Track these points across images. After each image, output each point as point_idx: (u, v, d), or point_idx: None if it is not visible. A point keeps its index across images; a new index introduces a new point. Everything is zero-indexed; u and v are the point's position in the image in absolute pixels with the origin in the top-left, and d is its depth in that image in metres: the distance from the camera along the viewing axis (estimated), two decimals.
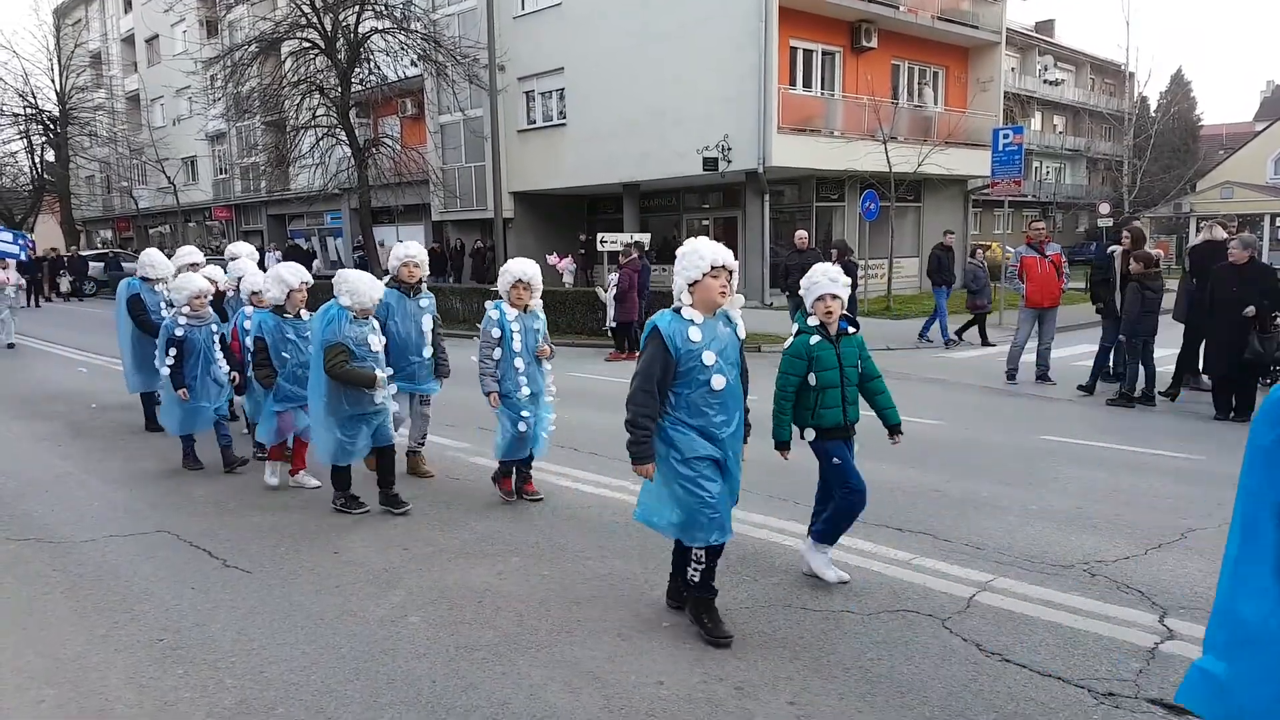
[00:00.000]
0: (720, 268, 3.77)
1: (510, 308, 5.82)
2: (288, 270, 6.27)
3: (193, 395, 6.77)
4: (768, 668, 3.66)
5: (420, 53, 22.47)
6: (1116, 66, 43.23)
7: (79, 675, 3.68)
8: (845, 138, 21.07)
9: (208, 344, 6.87)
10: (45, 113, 37.73)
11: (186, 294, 6.77)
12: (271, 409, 6.23)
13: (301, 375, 5.99)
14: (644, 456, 3.77)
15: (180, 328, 6.74)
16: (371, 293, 5.58)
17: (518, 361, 5.79)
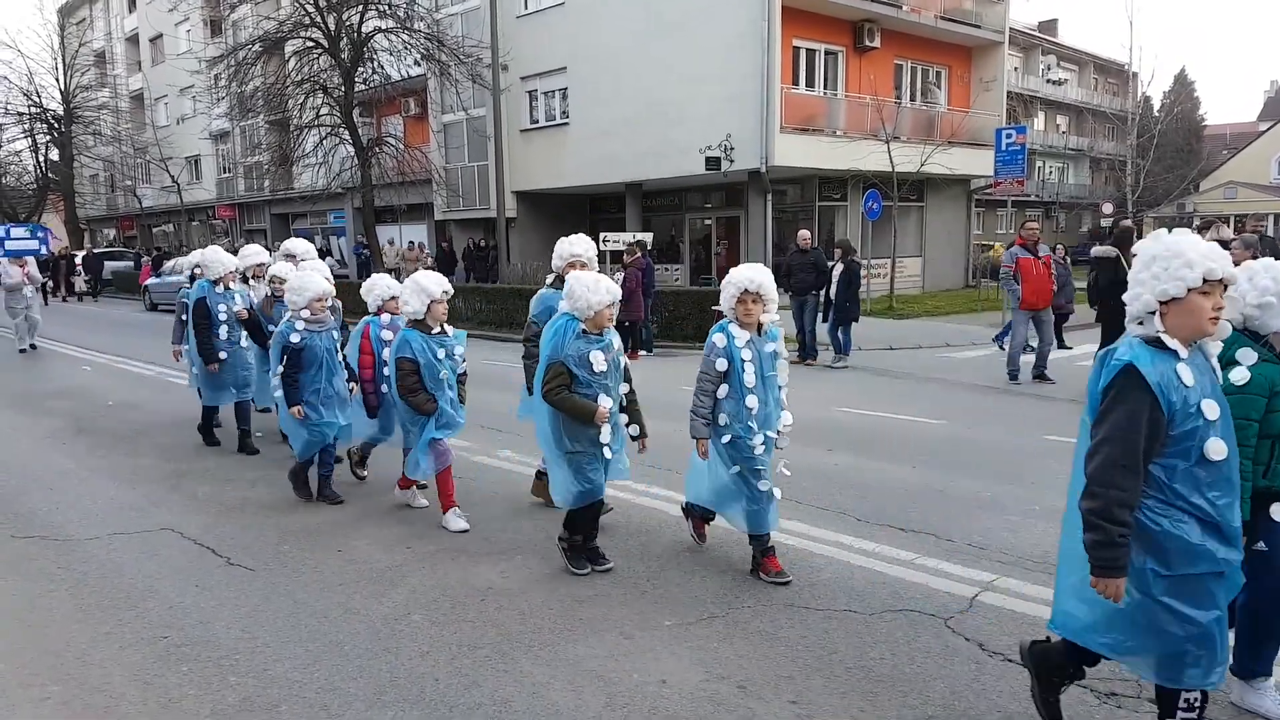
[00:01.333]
0: (1216, 281, 2.59)
1: (739, 330, 4.46)
2: (430, 279, 5.40)
3: (312, 410, 5.90)
4: (770, 667, 3.66)
5: (423, 52, 22.50)
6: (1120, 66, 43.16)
7: (83, 672, 3.69)
8: (848, 137, 21.06)
9: (330, 352, 5.99)
10: (50, 112, 37.87)
11: (308, 295, 5.84)
12: (429, 437, 5.32)
13: (455, 400, 5.44)
14: (1119, 567, 2.58)
15: (298, 333, 5.83)
16: (595, 298, 4.38)
17: (750, 400, 4.42)
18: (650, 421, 5.06)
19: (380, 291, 6.07)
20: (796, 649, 3.82)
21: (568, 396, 4.42)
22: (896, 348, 14.15)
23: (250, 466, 7.12)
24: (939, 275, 25.53)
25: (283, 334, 5.91)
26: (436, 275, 5.48)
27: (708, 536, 5.11)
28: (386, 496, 6.20)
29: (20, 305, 14.96)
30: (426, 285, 5.32)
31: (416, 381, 5.27)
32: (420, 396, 5.27)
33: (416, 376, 5.26)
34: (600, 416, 4.43)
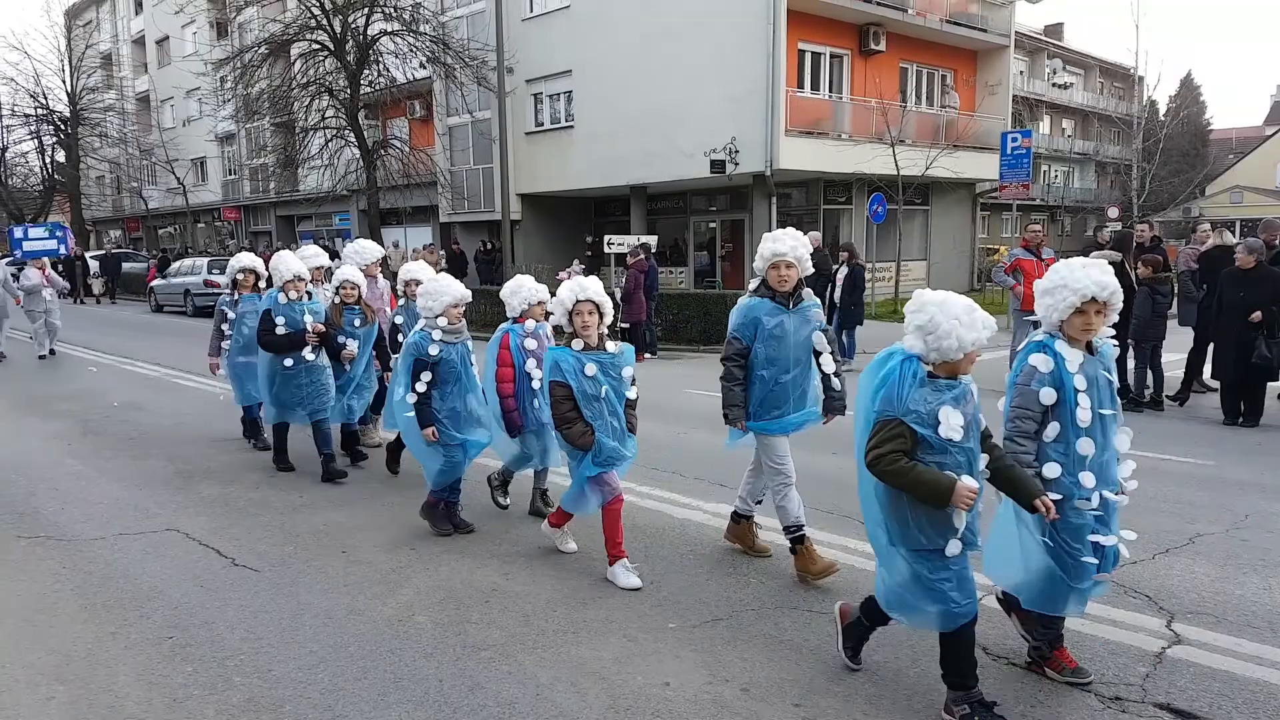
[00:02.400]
0: None
1: (1069, 349, 3.43)
2: (587, 285, 4.50)
3: (448, 433, 5.27)
4: (774, 669, 3.66)
5: (429, 55, 22.56)
6: (1126, 70, 43.11)
7: (89, 672, 3.70)
8: (853, 140, 21.08)
9: (465, 364, 5.35)
10: (56, 113, 38.01)
11: (444, 300, 5.17)
12: (588, 473, 4.53)
13: (621, 428, 4.59)
14: None
15: (434, 344, 5.16)
16: (969, 335, 3.12)
17: (1084, 445, 3.54)
18: (654, 424, 5.08)
19: (526, 295, 5.39)
20: (800, 652, 3.82)
21: (912, 468, 3.09)
22: None
23: (255, 468, 7.14)
24: (944, 279, 25.45)
25: (418, 345, 5.18)
26: (585, 280, 4.51)
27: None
28: (391, 497, 6.22)
29: (39, 309, 14.37)
30: (561, 295, 4.48)
31: (571, 409, 4.46)
32: (576, 428, 4.46)
33: (571, 403, 4.46)
34: (962, 499, 3.09)
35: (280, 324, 6.52)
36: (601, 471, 4.54)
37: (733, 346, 4.56)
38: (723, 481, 6.39)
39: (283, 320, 6.54)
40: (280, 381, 6.64)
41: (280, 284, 6.59)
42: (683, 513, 5.75)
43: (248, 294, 7.52)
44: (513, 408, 5.35)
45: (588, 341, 4.49)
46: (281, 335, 6.50)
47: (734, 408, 4.56)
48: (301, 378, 6.61)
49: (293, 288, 6.59)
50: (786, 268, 4.41)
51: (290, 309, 6.56)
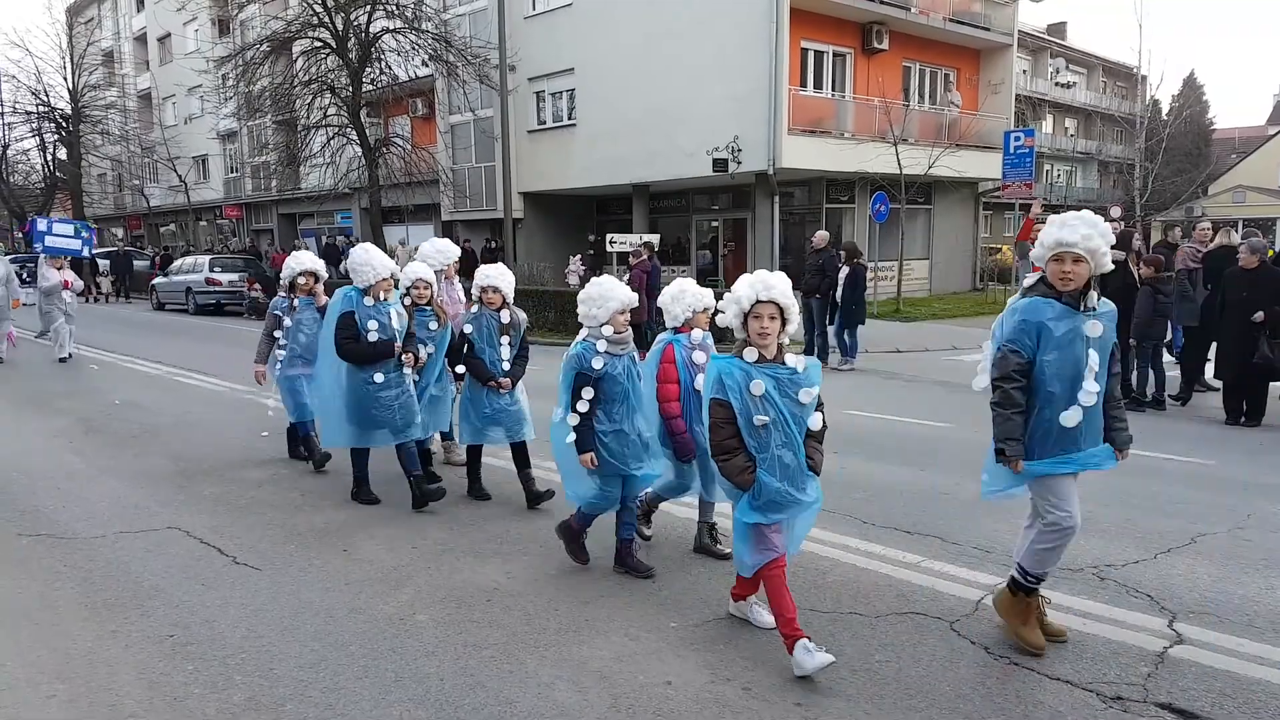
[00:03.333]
0: None
1: None
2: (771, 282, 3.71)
3: (608, 456, 4.56)
4: (775, 669, 3.66)
5: (431, 53, 22.54)
6: (1129, 69, 43.03)
7: (89, 671, 3.70)
8: (856, 139, 21.06)
9: (632, 380, 4.66)
10: (58, 110, 38.03)
11: (610, 307, 4.50)
12: (745, 519, 3.69)
13: (796, 465, 3.66)
14: None
15: (599, 356, 4.51)
16: None
17: None
18: None
19: (690, 301, 4.69)
20: None
21: None
22: (903, 350, 14.13)
23: (256, 467, 7.14)
24: (946, 278, 25.48)
25: (580, 358, 4.51)
26: (766, 275, 3.73)
27: None
28: (392, 495, 6.22)
29: (59, 308, 13.60)
30: (739, 292, 3.70)
31: (731, 436, 3.64)
32: (735, 460, 3.63)
33: (732, 429, 3.63)
34: None
35: (373, 330, 5.64)
36: (761, 521, 3.65)
37: (1010, 362, 3.63)
38: None
39: (376, 325, 5.65)
40: (364, 399, 5.72)
41: (365, 284, 5.67)
42: (685, 512, 5.74)
43: (304, 298, 6.88)
44: (683, 429, 4.63)
45: (763, 352, 3.67)
46: (368, 344, 5.63)
47: (1013, 441, 3.62)
48: (390, 393, 5.74)
49: (383, 288, 5.72)
50: (1074, 261, 3.55)
51: (379, 312, 5.69)
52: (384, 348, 5.68)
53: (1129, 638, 3.90)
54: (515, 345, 5.85)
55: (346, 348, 5.64)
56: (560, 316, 16.40)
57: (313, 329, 6.69)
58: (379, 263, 5.70)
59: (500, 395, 5.77)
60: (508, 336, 5.80)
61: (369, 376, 5.70)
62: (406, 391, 5.86)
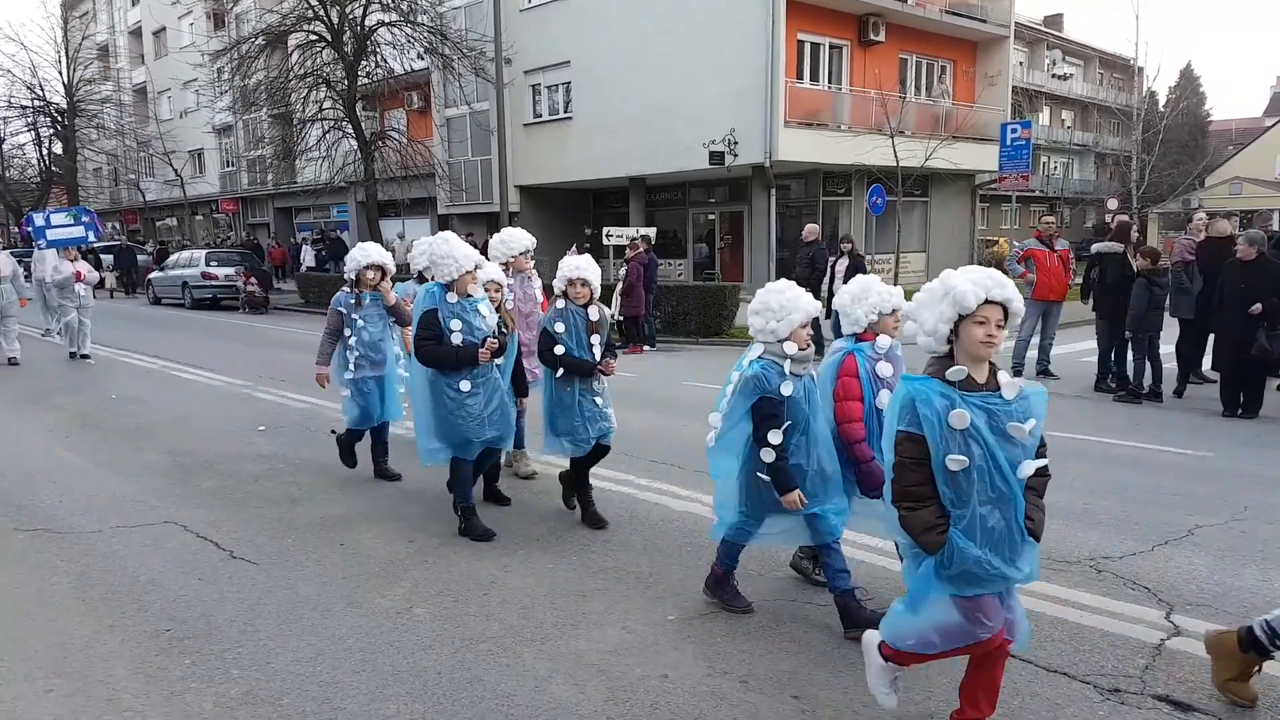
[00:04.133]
0: None
1: None
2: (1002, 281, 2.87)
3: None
4: (773, 662, 3.66)
5: (427, 45, 22.46)
6: (1125, 61, 43.00)
7: (86, 665, 3.70)
8: (852, 132, 21.02)
9: (813, 403, 3.92)
10: (53, 105, 37.84)
11: (794, 319, 3.81)
12: (928, 591, 2.87)
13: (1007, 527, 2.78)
14: None
15: (787, 380, 3.79)
16: None
17: None
18: (653, 417, 5.05)
19: (876, 301, 4.01)
20: (800, 645, 3.82)
21: None
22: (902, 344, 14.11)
23: (253, 460, 7.12)
24: (943, 270, 25.39)
25: (762, 379, 3.78)
26: (989, 274, 2.86)
27: None
28: (389, 489, 6.21)
29: (71, 304, 12.97)
30: (956, 286, 2.81)
31: (923, 482, 2.78)
32: (921, 514, 2.79)
33: (924, 472, 2.77)
34: None
35: (457, 330, 4.99)
36: (959, 594, 2.82)
37: None
38: None
39: (460, 326, 5.00)
40: (454, 409, 5.06)
41: (447, 279, 5.03)
42: (682, 505, 5.74)
43: (370, 293, 6.30)
44: (869, 455, 3.90)
45: (972, 371, 2.77)
46: (451, 347, 4.98)
47: None
48: (478, 401, 5.11)
49: (468, 282, 5.06)
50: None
51: (464, 310, 5.03)
52: (468, 351, 4.98)
53: (1126, 630, 3.90)
54: (604, 344, 5.29)
55: (427, 350, 4.99)
56: None
57: (379, 327, 6.28)
58: (461, 254, 5.00)
59: (594, 396, 5.23)
60: (597, 335, 5.22)
61: (454, 383, 5.04)
62: (498, 401, 5.20)
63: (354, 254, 6.37)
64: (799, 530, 3.95)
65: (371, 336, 6.27)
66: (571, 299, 5.17)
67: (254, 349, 14.85)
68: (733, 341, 14.61)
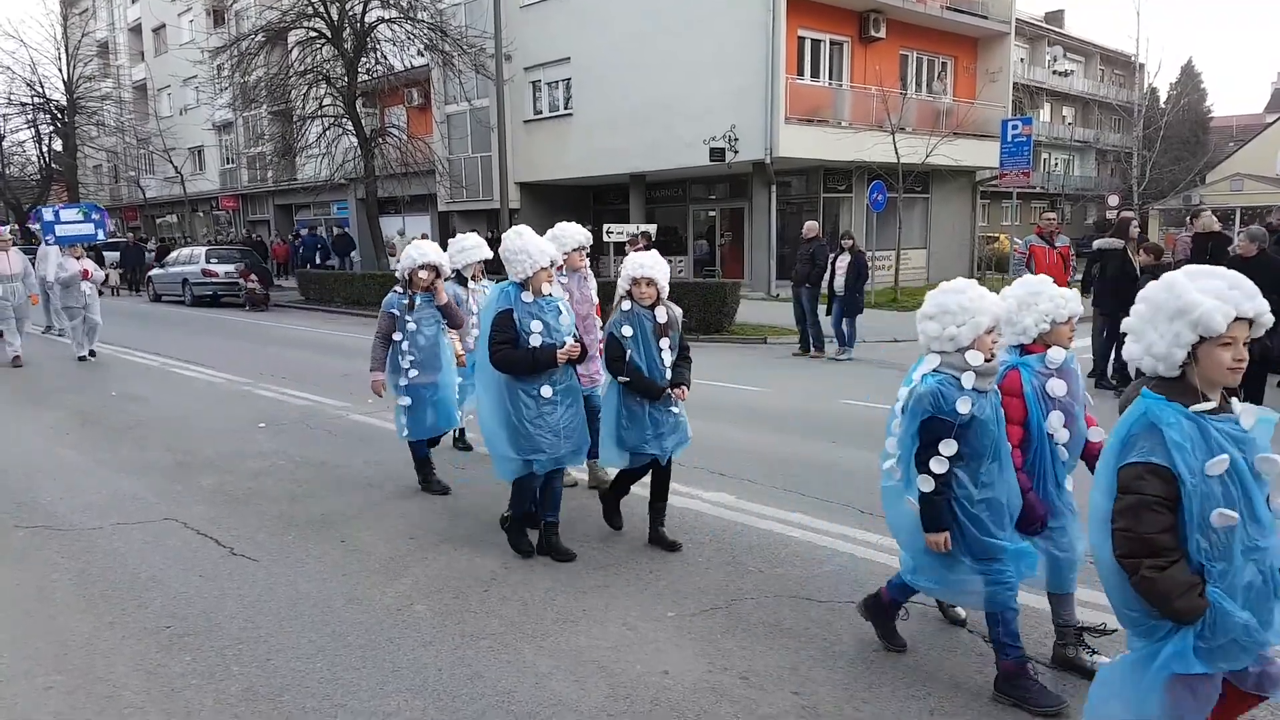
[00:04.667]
0: None
1: None
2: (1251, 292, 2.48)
3: (978, 534, 3.28)
4: (773, 658, 3.66)
5: (427, 42, 22.44)
6: (1126, 57, 42.97)
7: (87, 662, 3.70)
8: (853, 128, 21.00)
9: (1001, 425, 3.33)
10: (53, 102, 37.81)
11: (979, 323, 3.20)
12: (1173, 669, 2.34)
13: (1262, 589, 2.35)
14: None
15: (965, 397, 3.20)
16: None
17: None
18: None
19: (1049, 307, 3.44)
20: (800, 641, 3.82)
21: None
22: (901, 340, 14.11)
23: (253, 458, 7.12)
24: (943, 267, 25.44)
25: (937, 398, 3.22)
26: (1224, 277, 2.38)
27: None
28: (389, 486, 6.21)
29: (78, 304, 12.54)
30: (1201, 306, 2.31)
31: (1168, 529, 2.30)
32: (1174, 573, 2.29)
33: (1171, 516, 2.30)
34: None
35: (536, 332, 4.55)
36: (1205, 671, 2.31)
37: None
38: (721, 471, 6.39)
39: (540, 327, 4.56)
40: (532, 418, 4.59)
41: (523, 276, 4.57)
42: (682, 501, 5.74)
43: (424, 294, 5.93)
44: (1028, 486, 3.41)
45: (1207, 394, 2.36)
46: (527, 351, 4.52)
47: None
48: (558, 412, 4.66)
49: (545, 279, 4.61)
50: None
51: (542, 310, 4.61)
52: (547, 355, 4.53)
53: None
54: (675, 347, 4.82)
55: (501, 355, 4.50)
56: None
57: (434, 330, 5.93)
58: (536, 248, 4.57)
59: (669, 405, 4.77)
60: (666, 339, 4.74)
61: (533, 389, 4.58)
62: (578, 411, 4.79)
63: (409, 252, 5.96)
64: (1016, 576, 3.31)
65: (426, 340, 5.90)
66: (636, 300, 4.71)
67: (254, 346, 14.86)
68: (733, 338, 14.62)
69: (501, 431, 4.63)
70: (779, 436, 7.51)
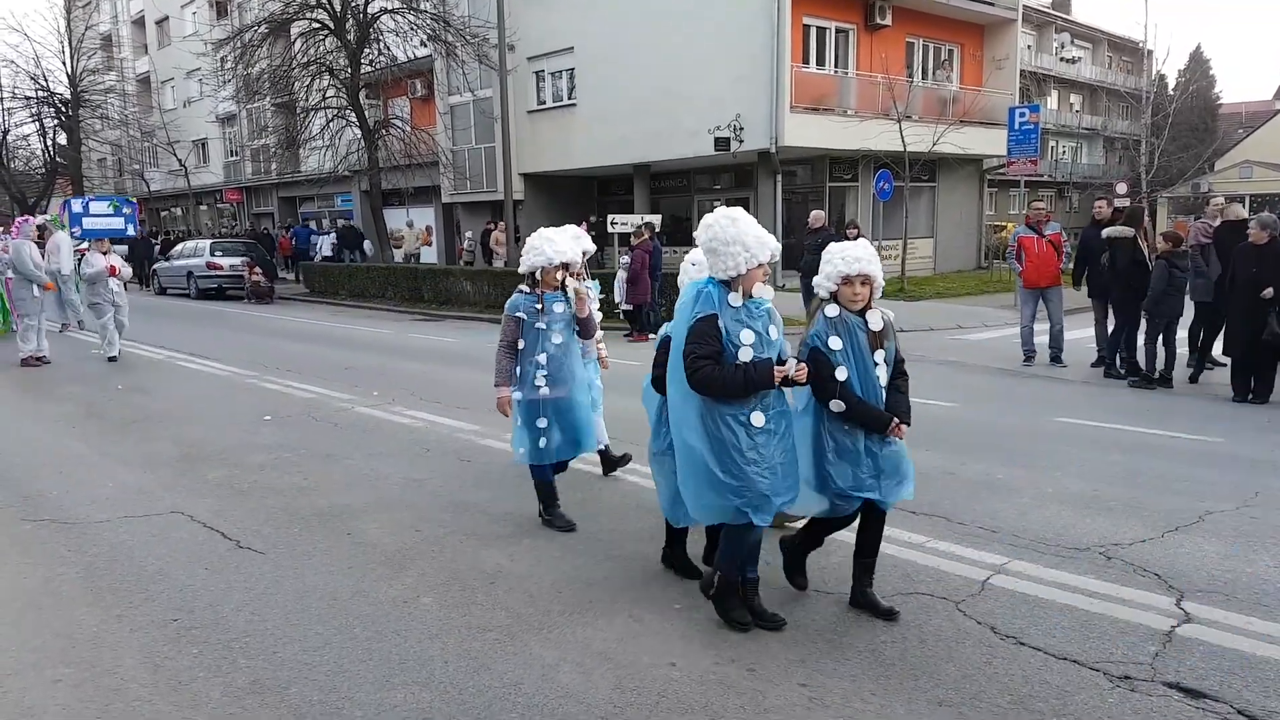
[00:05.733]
0: None
1: None
2: None
3: None
4: (780, 650, 3.64)
5: (430, 33, 22.37)
6: (1134, 44, 42.61)
7: (94, 655, 3.70)
8: (859, 117, 20.85)
9: None
10: (57, 95, 37.81)
11: None
12: None
13: None
14: None
15: None
16: None
17: None
18: None
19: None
20: (807, 632, 3.80)
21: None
22: (908, 329, 14.05)
23: (259, 450, 7.13)
24: (951, 256, 25.37)
25: None
26: None
27: None
28: (397, 478, 6.20)
29: (106, 300, 11.92)
30: None
31: None
32: None
33: None
34: None
35: (748, 344, 3.61)
36: None
37: None
38: None
39: (752, 338, 3.63)
40: (744, 449, 3.61)
41: (733, 272, 3.61)
42: None
43: (551, 293, 5.08)
44: None
45: None
46: (736, 369, 3.56)
47: None
48: (771, 445, 3.67)
49: (759, 277, 3.65)
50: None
51: (752, 315, 3.67)
52: (763, 373, 3.57)
53: (1136, 617, 3.88)
54: (890, 361, 3.90)
55: (704, 373, 3.54)
56: None
57: (566, 336, 5.11)
58: (755, 238, 3.60)
59: (891, 440, 3.84)
60: (881, 350, 3.85)
61: (742, 414, 3.62)
62: (791, 441, 3.79)
63: (539, 247, 5.01)
64: None
65: (558, 349, 5.08)
66: (845, 303, 3.82)
67: (259, 339, 14.88)
68: None
69: (703, 469, 3.65)
70: None
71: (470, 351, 12.67)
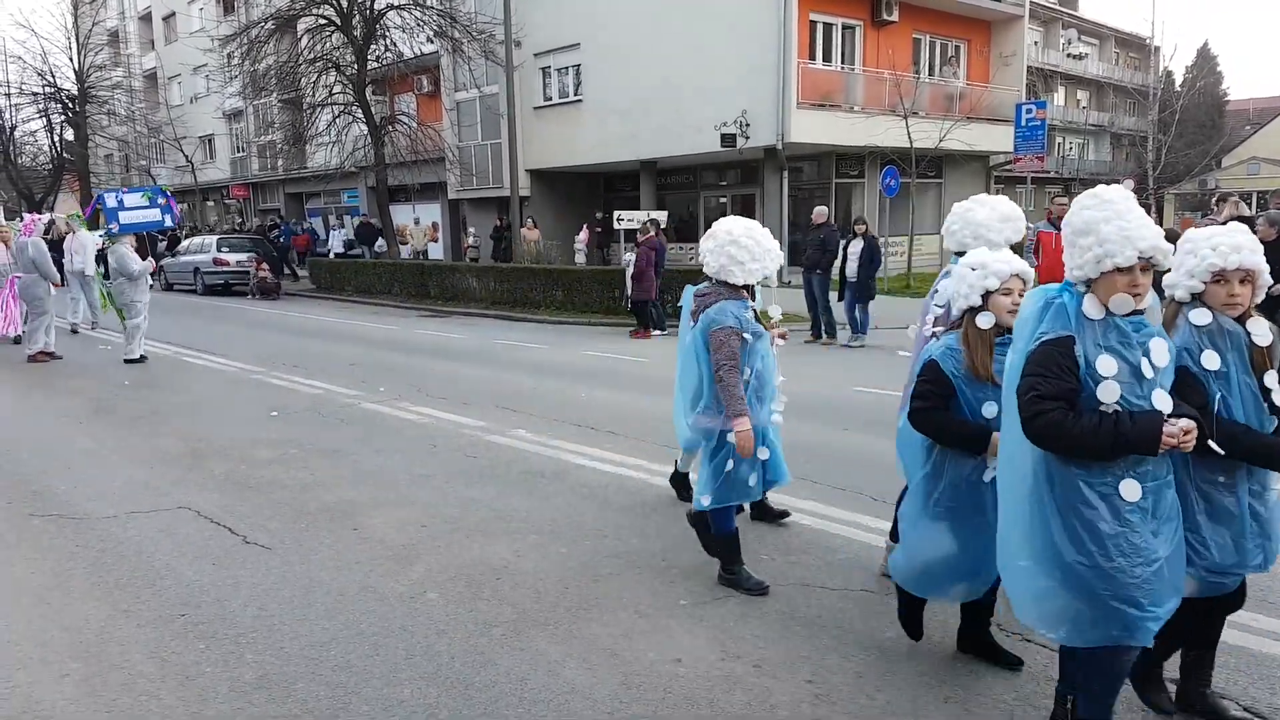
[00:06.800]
0: None
1: None
2: None
3: None
4: (786, 646, 3.64)
5: (436, 29, 22.39)
6: (1142, 40, 42.47)
7: (102, 650, 3.72)
8: (865, 113, 20.83)
9: None
10: (64, 91, 37.89)
11: None
12: None
13: None
14: None
15: None
16: None
17: None
18: (664, 402, 5.00)
19: None
20: (813, 628, 3.80)
21: None
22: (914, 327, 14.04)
23: (266, 445, 7.14)
24: None
25: None
26: None
27: None
28: (402, 474, 6.22)
29: (142, 299, 11.47)
30: None
31: None
32: None
33: None
34: None
35: (1112, 378, 2.52)
36: None
37: None
38: None
39: (1120, 370, 2.55)
40: (1113, 538, 2.51)
41: (1087, 272, 2.59)
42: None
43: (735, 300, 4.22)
44: None
45: None
46: (1103, 419, 2.49)
47: None
48: (1147, 524, 2.57)
49: (1129, 286, 2.54)
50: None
51: (1125, 338, 2.57)
52: (1147, 430, 2.49)
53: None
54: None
55: (1046, 421, 2.51)
56: (568, 295, 16.29)
57: (770, 352, 4.36)
58: (1139, 221, 2.59)
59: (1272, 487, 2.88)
60: (1272, 371, 2.80)
61: (1107, 485, 2.55)
62: (1175, 525, 2.65)
63: (741, 233, 4.24)
64: None
65: (766, 367, 4.26)
66: (1219, 306, 2.82)
67: (266, 335, 14.91)
68: None
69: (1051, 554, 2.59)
70: (791, 424, 7.44)
71: (477, 348, 12.69)
